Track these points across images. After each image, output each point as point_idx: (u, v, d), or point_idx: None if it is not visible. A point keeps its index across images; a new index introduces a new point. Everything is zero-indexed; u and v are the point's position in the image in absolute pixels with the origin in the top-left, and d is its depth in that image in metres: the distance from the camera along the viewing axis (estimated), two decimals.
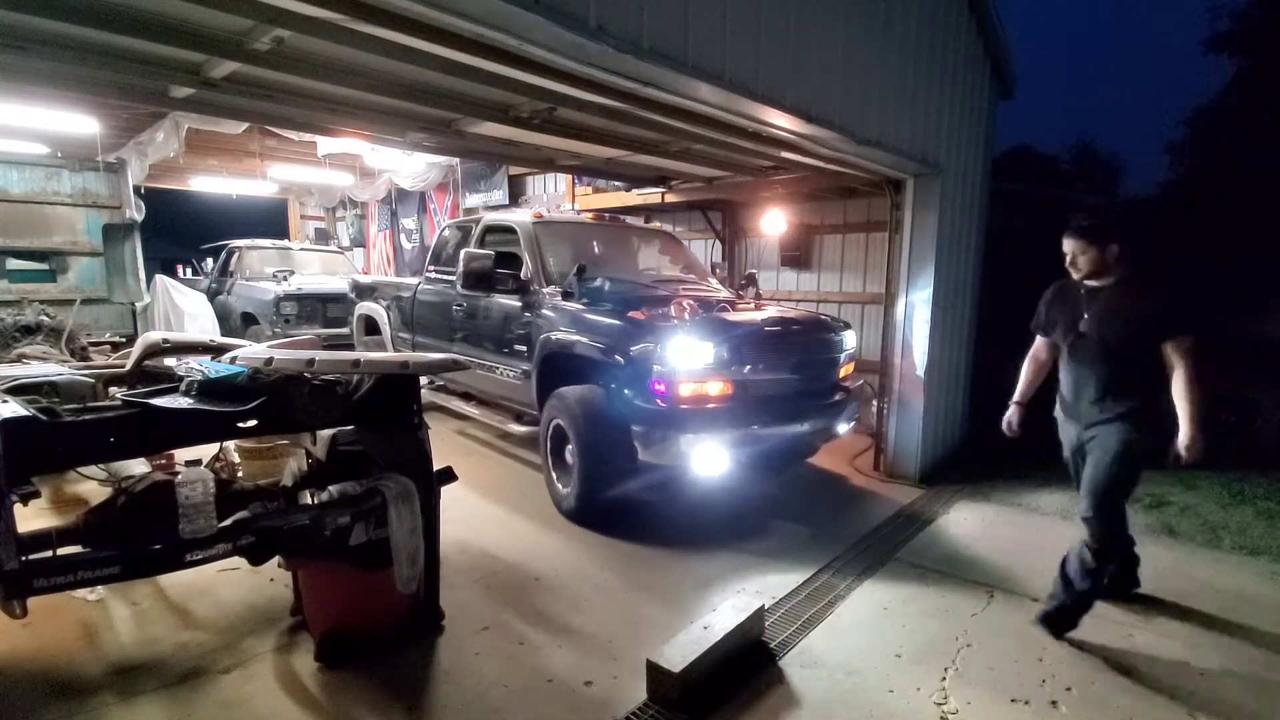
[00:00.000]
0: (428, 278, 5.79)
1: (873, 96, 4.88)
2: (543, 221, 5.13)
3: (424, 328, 5.67)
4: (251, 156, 8.26)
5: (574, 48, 2.95)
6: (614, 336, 3.77)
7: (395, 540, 2.40)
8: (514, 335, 4.54)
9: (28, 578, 1.98)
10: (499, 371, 4.74)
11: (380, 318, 6.11)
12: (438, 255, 5.86)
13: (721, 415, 3.57)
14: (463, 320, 5.16)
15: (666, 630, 2.76)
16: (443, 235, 5.85)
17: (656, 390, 3.53)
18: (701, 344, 3.55)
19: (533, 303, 4.43)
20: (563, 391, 3.94)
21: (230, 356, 2.59)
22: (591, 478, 3.73)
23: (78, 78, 3.63)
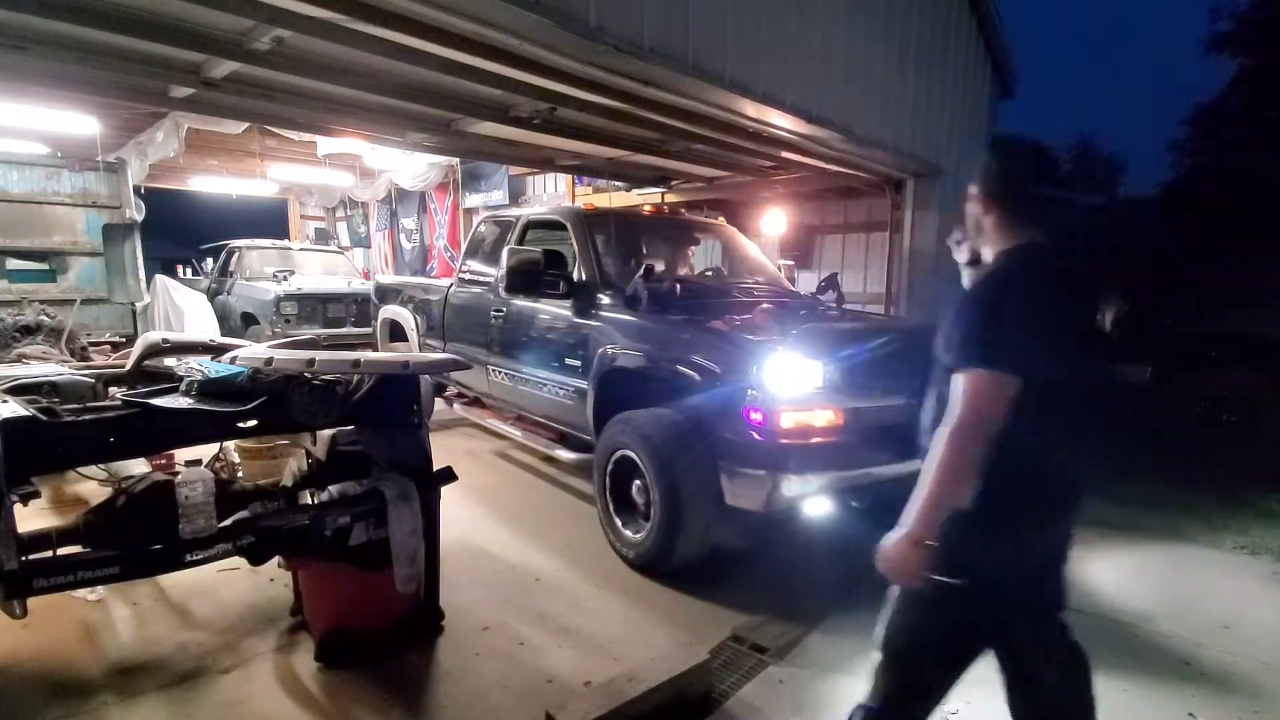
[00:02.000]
0: (461, 279, 5.24)
1: (873, 96, 4.87)
2: (597, 214, 4.55)
3: (456, 334, 5.10)
4: (251, 156, 8.27)
5: (574, 47, 2.96)
6: (695, 352, 3.18)
7: (395, 540, 2.40)
8: (565, 347, 3.93)
9: (28, 578, 1.97)
10: (546, 388, 4.10)
11: (406, 322, 5.66)
12: (473, 253, 5.27)
13: (830, 452, 2.93)
14: (502, 327, 4.52)
15: (668, 630, 2.76)
16: (478, 231, 5.31)
17: (750, 420, 2.89)
18: (808, 363, 2.90)
19: (588, 309, 3.82)
20: (633, 417, 3.30)
21: (230, 356, 2.59)
22: (676, 524, 3.05)
23: (78, 78, 3.63)
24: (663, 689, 2.19)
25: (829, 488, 2.90)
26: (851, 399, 3.02)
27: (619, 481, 3.41)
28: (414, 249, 11.47)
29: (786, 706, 2.33)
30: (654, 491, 3.10)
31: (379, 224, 12.29)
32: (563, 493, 4.52)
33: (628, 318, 3.60)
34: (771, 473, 2.84)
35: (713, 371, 3.07)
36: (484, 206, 10.14)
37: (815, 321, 3.56)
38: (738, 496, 2.97)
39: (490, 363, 4.60)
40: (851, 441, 2.99)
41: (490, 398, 4.94)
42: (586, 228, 4.19)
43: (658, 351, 3.37)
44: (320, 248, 10.86)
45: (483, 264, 5.04)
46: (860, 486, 2.98)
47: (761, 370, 2.87)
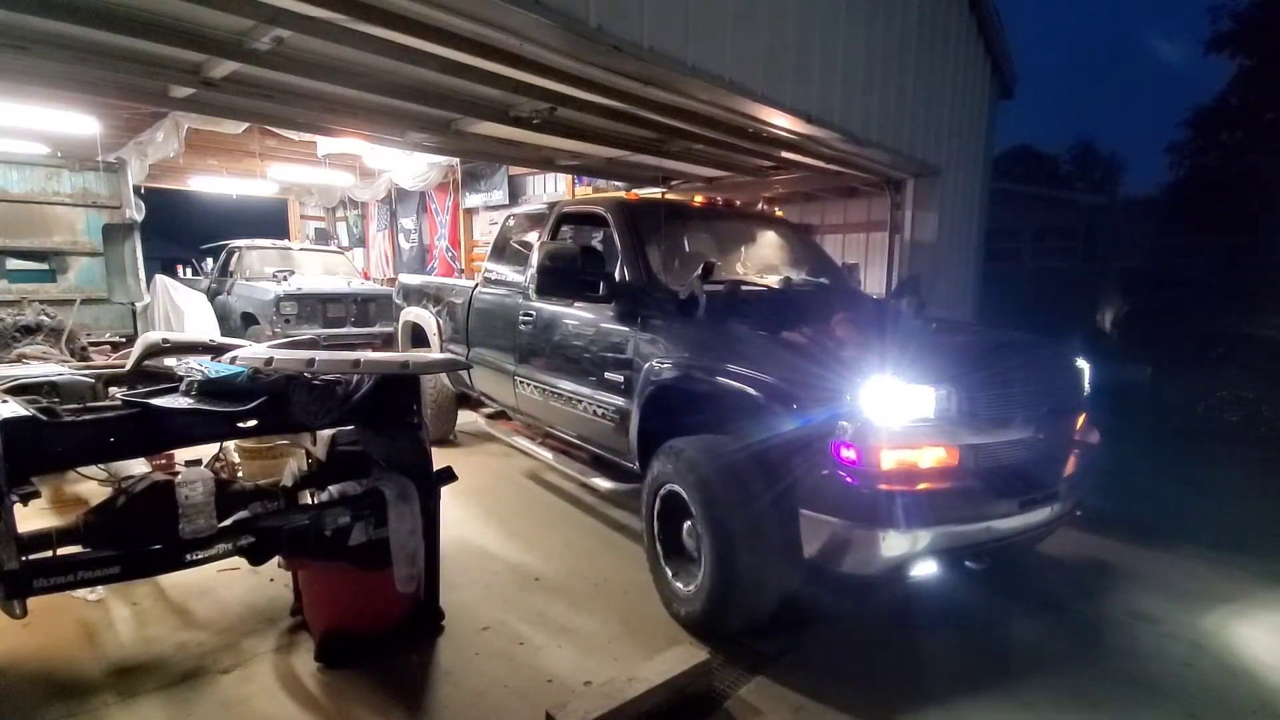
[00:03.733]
0: (486, 279, 4.70)
1: (873, 96, 4.88)
2: (643, 205, 3.96)
3: (481, 340, 4.62)
4: (251, 156, 8.27)
5: (574, 47, 2.96)
6: (768, 371, 2.61)
7: (395, 540, 2.40)
8: (605, 358, 3.38)
9: (28, 578, 1.98)
10: (581, 405, 3.54)
11: (428, 325, 5.24)
12: (499, 252, 4.69)
13: (944, 500, 2.38)
14: (532, 334, 3.98)
15: (668, 630, 2.76)
16: (506, 226, 4.76)
17: (841, 458, 2.35)
18: (917, 388, 2.37)
19: (633, 315, 3.26)
20: (684, 446, 2.77)
21: (230, 356, 2.59)
22: (730, 580, 2.49)
23: (78, 78, 3.63)
24: (663, 689, 2.18)
25: (941, 546, 2.37)
26: (970, 433, 2.46)
27: (668, 522, 2.89)
28: (413, 249, 11.48)
29: (786, 706, 2.34)
30: (704, 538, 2.57)
31: (379, 224, 12.30)
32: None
33: (682, 326, 3.06)
34: (868, 525, 2.29)
35: (790, 395, 2.50)
36: (484, 206, 10.15)
37: (911, 333, 2.95)
38: (822, 552, 2.42)
39: (518, 373, 4.09)
40: (970, 487, 2.44)
41: (518, 412, 4.43)
42: (631, 220, 3.63)
43: (719, 368, 2.78)
44: (320, 248, 10.86)
45: (510, 263, 4.56)
46: (979, 544, 2.47)
47: (857, 396, 2.33)
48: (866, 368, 2.40)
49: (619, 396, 3.29)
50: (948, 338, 3.26)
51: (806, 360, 2.59)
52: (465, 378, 4.81)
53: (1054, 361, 3.06)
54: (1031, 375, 2.80)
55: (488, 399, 4.81)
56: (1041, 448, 2.68)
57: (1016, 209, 13.80)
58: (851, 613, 3.01)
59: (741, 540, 2.48)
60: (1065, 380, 2.99)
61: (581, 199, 4.97)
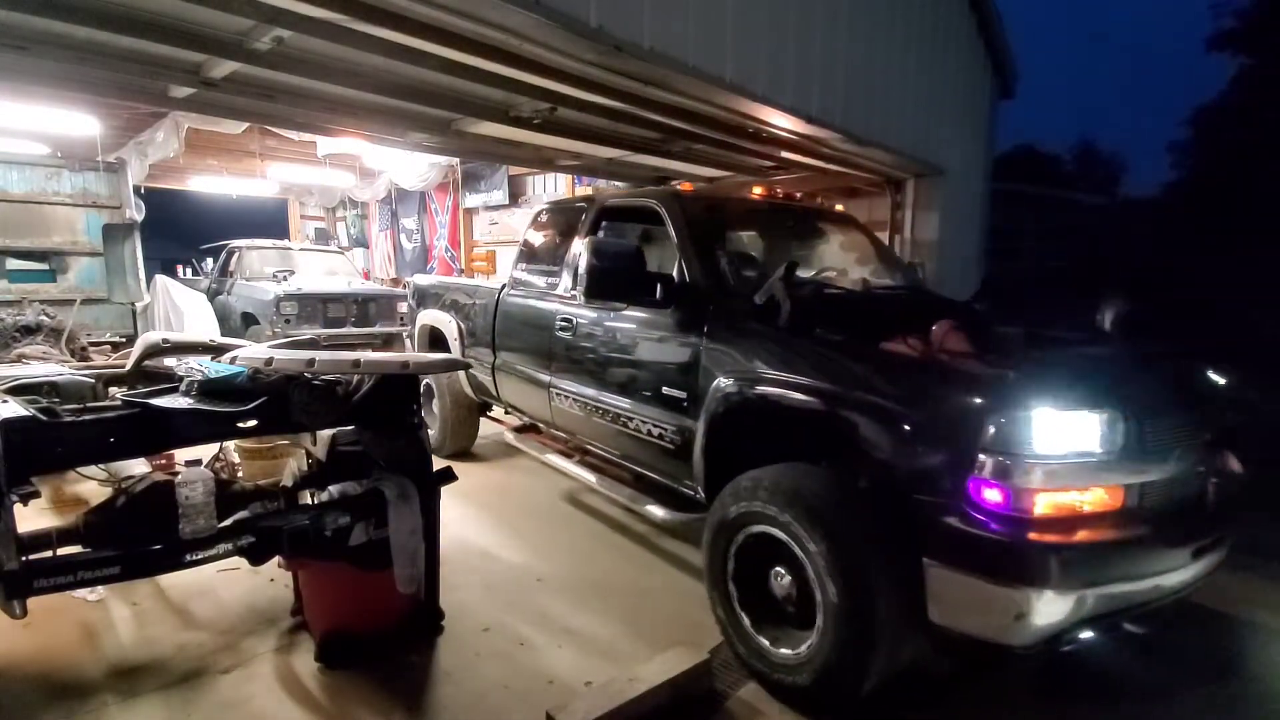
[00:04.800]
0: (516, 280, 4.32)
1: (874, 96, 4.88)
2: (701, 199, 3.58)
3: (509, 346, 4.22)
4: (251, 156, 8.27)
5: (574, 47, 2.96)
6: (880, 390, 2.19)
7: (395, 540, 2.40)
8: (662, 371, 3.00)
9: (28, 578, 1.97)
10: (631, 423, 3.16)
11: (448, 329, 4.89)
12: (530, 251, 4.33)
13: (1110, 553, 1.98)
14: (571, 342, 3.58)
15: (668, 630, 2.76)
16: (538, 223, 4.36)
17: (981, 500, 1.94)
18: (1078, 413, 1.97)
19: (698, 322, 2.85)
20: (778, 477, 2.34)
21: (230, 356, 2.59)
22: (866, 640, 2.07)
23: (78, 78, 3.63)
24: (663, 689, 2.17)
25: (1104, 609, 1.96)
26: (1138, 469, 2.03)
27: (748, 567, 2.46)
28: (415, 249, 11.48)
29: (786, 706, 2.33)
30: (827, 590, 2.12)
31: (380, 224, 12.30)
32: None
33: (760, 335, 2.65)
34: (1016, 584, 1.87)
35: (912, 422, 2.09)
36: (484, 206, 10.15)
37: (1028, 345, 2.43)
38: (954, 614, 2.00)
39: (554, 385, 3.69)
40: (1138, 535, 2.02)
41: (552, 426, 4.02)
42: (690, 216, 3.23)
43: (813, 386, 2.35)
44: (320, 248, 10.85)
45: (543, 263, 4.17)
46: (1147, 603, 2.04)
47: (1004, 424, 1.91)
48: (1009, 388, 1.97)
49: (679, 415, 2.89)
50: (1076, 350, 2.73)
51: (929, 378, 2.19)
52: (491, 387, 4.45)
53: (1203, 379, 2.60)
54: (1187, 396, 2.40)
55: (516, 411, 4.43)
56: (1205, 482, 2.26)
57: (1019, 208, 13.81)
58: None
59: (879, 593, 2.06)
60: (1216, 401, 2.54)
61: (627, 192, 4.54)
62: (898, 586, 2.06)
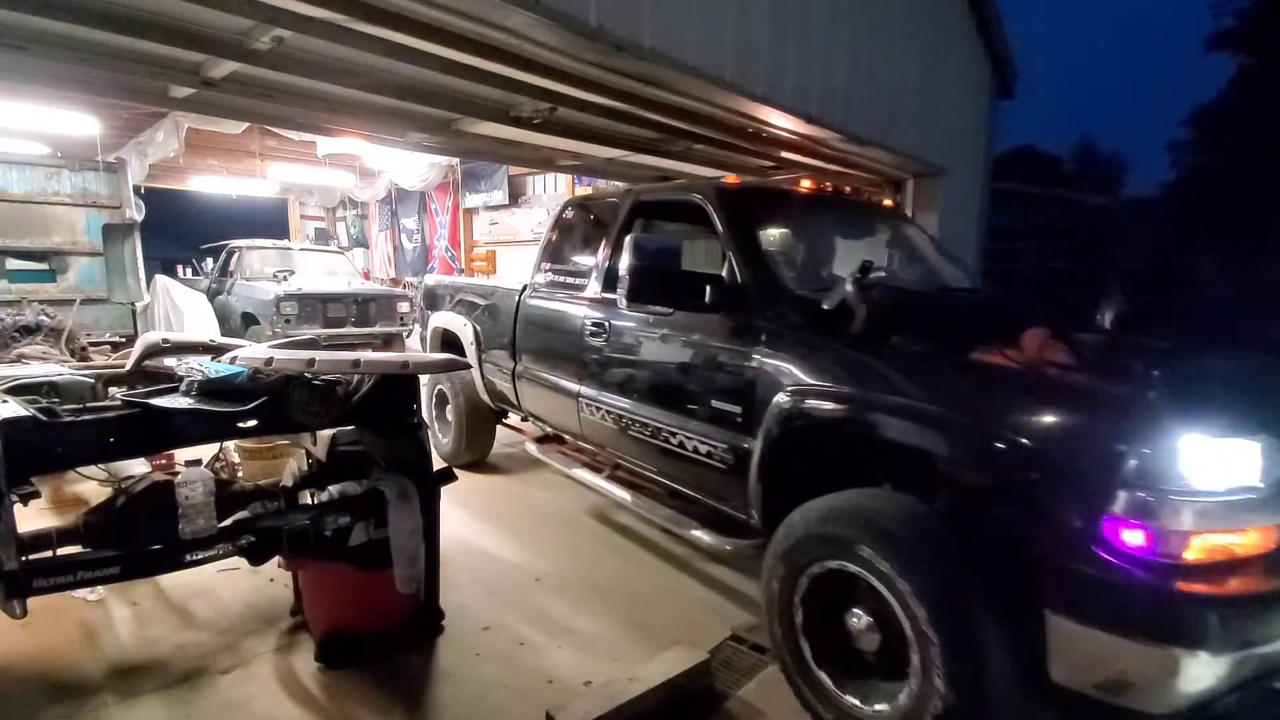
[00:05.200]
0: (539, 281, 3.99)
1: (874, 96, 4.88)
2: (751, 192, 3.31)
3: (534, 353, 3.92)
4: (251, 156, 8.28)
5: (574, 47, 2.96)
6: (989, 411, 1.90)
7: (395, 540, 2.40)
8: (713, 383, 2.70)
9: (28, 578, 1.97)
10: (674, 439, 2.86)
11: (463, 334, 4.59)
12: (555, 250, 3.99)
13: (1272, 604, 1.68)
14: (604, 350, 3.31)
15: (668, 630, 2.76)
16: (563, 220, 4.03)
17: (1122, 544, 1.65)
18: (1236, 440, 1.68)
19: (754, 329, 2.55)
20: (857, 506, 2.05)
21: (230, 356, 2.59)
22: (963, 705, 1.78)
23: (78, 78, 3.63)
24: (663, 689, 2.16)
25: (1264, 670, 1.67)
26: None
27: (818, 607, 2.16)
28: (415, 249, 11.48)
29: (786, 706, 2.33)
30: (924, 640, 1.81)
31: (380, 224, 12.30)
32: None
33: (829, 345, 2.36)
34: (1162, 643, 1.58)
35: (1026, 448, 1.78)
36: (484, 206, 10.15)
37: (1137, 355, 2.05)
38: (1081, 674, 1.70)
39: (584, 395, 3.40)
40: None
41: (579, 439, 3.73)
42: (738, 211, 2.93)
43: (898, 404, 2.06)
44: (320, 248, 10.86)
45: (569, 263, 3.87)
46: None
47: (1147, 453, 1.62)
48: (1153, 411, 1.66)
49: (732, 432, 2.59)
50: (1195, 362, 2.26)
51: (1049, 398, 1.85)
52: (511, 394, 4.15)
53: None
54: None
55: (538, 420, 4.11)
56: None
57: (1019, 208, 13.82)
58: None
59: (991, 648, 1.76)
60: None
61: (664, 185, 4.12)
62: (1011, 640, 1.76)
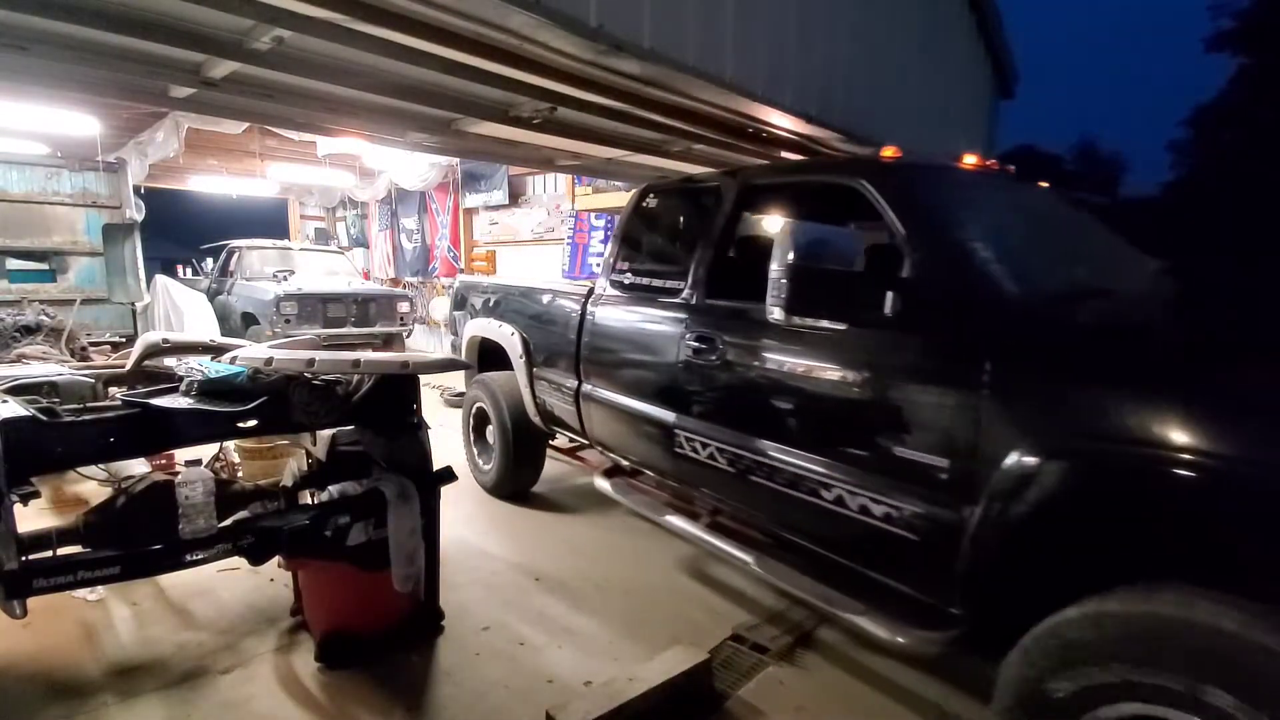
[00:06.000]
0: (615, 285, 3.31)
1: (874, 96, 4.88)
2: (924, 170, 2.51)
3: (605, 371, 3.29)
4: (251, 156, 8.28)
5: (574, 47, 2.96)
6: None
7: (395, 540, 2.40)
8: (900, 423, 2.01)
9: (28, 578, 1.97)
10: (829, 493, 2.18)
11: (510, 345, 3.90)
12: (633, 245, 3.37)
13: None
14: (716, 373, 2.64)
15: (668, 630, 2.76)
16: (645, 209, 3.37)
17: None
18: None
19: (973, 351, 1.87)
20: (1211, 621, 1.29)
21: (230, 356, 2.59)
22: None
23: (78, 78, 3.63)
24: (663, 689, 2.17)
25: None
26: None
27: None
28: (415, 249, 11.47)
29: (786, 706, 2.33)
30: None
31: (380, 224, 12.29)
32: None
33: (1125, 375, 1.66)
34: None
35: None
36: (484, 206, 10.14)
37: None
38: None
39: (681, 426, 2.78)
40: None
41: (670, 479, 3.04)
42: (917, 195, 2.26)
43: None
44: (320, 248, 10.86)
45: (655, 262, 3.21)
46: None
47: None
48: None
49: (931, 491, 1.91)
50: None
51: None
52: (572, 419, 3.54)
53: None
54: None
55: (608, 450, 3.47)
56: None
57: None
58: None
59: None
60: None
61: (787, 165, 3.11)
62: None
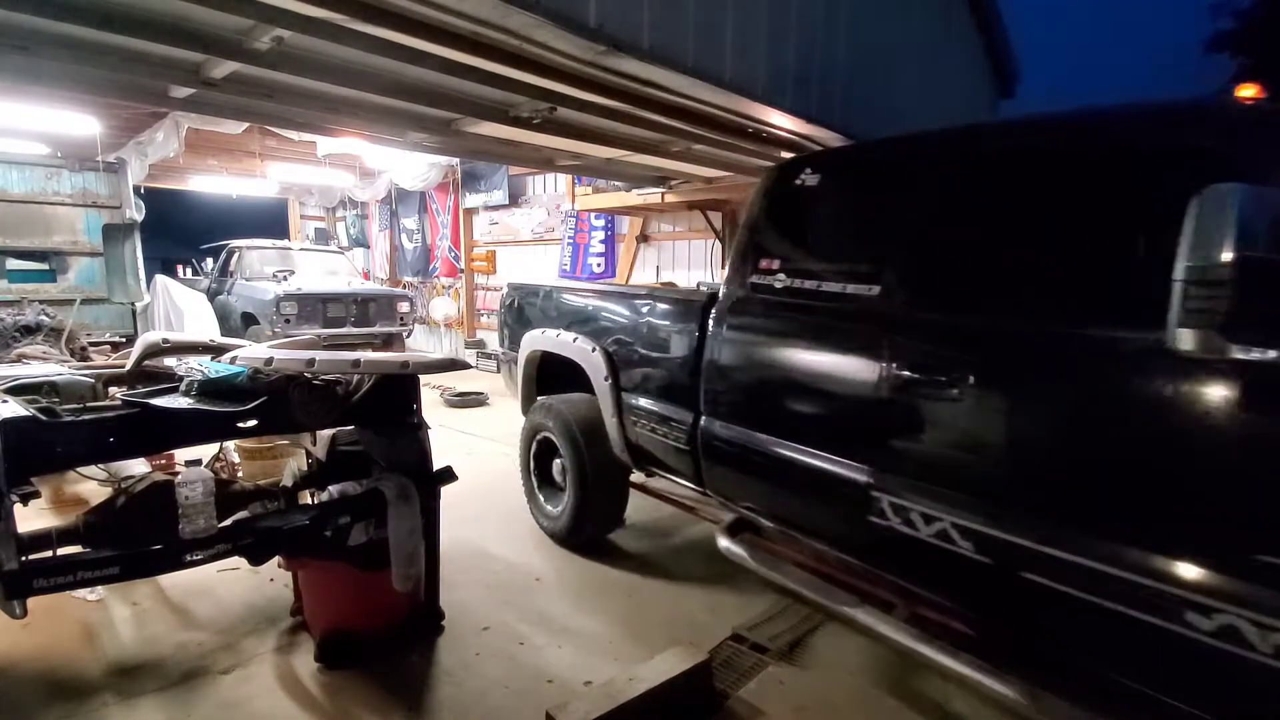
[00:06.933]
0: (758, 294, 2.51)
1: (874, 96, 4.88)
2: None
3: (744, 407, 2.54)
4: (251, 156, 8.27)
5: (574, 47, 2.96)
6: None
7: (395, 540, 2.40)
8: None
9: (28, 578, 1.97)
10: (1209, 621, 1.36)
11: (588, 363, 3.18)
12: (792, 235, 2.57)
13: None
14: (955, 418, 1.92)
15: (668, 630, 2.76)
16: (795, 186, 2.52)
17: None
18: None
19: None
20: None
21: (230, 356, 2.59)
22: None
23: (78, 78, 3.63)
24: (663, 689, 2.16)
25: None
26: None
27: None
28: (415, 249, 11.46)
29: (786, 706, 2.33)
30: None
31: (380, 224, 12.29)
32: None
33: None
34: None
35: None
36: (484, 206, 10.13)
37: None
38: None
39: (884, 488, 2.02)
40: None
41: (859, 555, 2.25)
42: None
43: None
44: (320, 248, 10.86)
45: (827, 260, 2.40)
46: None
47: None
48: None
49: None
50: None
51: None
52: (685, 465, 2.78)
53: None
54: None
55: (732, 504, 2.69)
56: None
57: None
58: None
59: None
60: None
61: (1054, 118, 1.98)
62: None
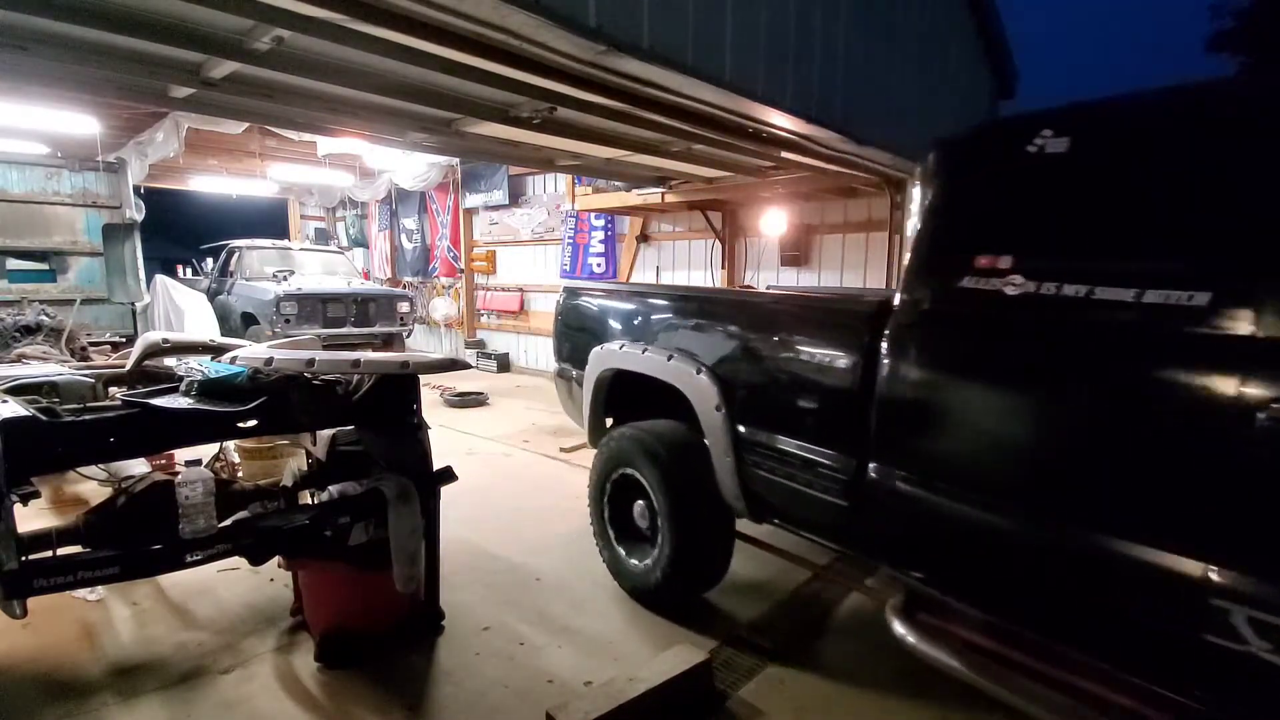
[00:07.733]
0: (961, 307, 1.89)
1: (874, 96, 4.88)
2: None
3: (955, 465, 1.88)
4: (251, 156, 8.27)
5: (574, 47, 2.95)
6: None
7: (395, 540, 2.40)
8: None
9: (28, 578, 1.98)
10: None
11: (694, 390, 2.68)
12: (1037, 229, 1.80)
13: None
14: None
15: (668, 630, 2.76)
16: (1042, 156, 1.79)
17: None
18: None
19: None
20: None
21: (230, 356, 2.59)
22: None
23: (78, 78, 3.63)
24: (663, 689, 2.17)
25: None
26: None
27: None
28: (415, 249, 11.46)
29: (786, 706, 2.33)
30: None
31: (380, 224, 12.28)
32: None
33: None
34: None
35: None
36: (484, 206, 10.13)
37: None
38: None
39: (1238, 593, 1.34)
40: None
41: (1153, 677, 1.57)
42: None
43: None
44: (320, 248, 10.86)
45: (1104, 257, 1.68)
46: None
47: None
48: None
49: None
50: None
51: None
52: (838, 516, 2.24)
53: None
54: None
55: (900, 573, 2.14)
56: None
57: None
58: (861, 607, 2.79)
59: None
60: None
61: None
62: None
